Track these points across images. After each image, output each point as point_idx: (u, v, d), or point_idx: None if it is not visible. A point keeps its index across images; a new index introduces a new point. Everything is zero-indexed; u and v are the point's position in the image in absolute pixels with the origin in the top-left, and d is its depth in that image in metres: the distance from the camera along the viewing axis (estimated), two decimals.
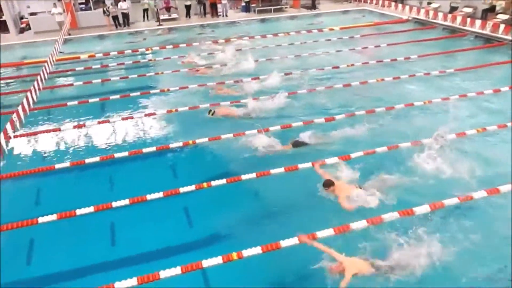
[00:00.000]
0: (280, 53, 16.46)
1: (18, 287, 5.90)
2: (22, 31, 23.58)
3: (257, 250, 5.74)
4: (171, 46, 18.22)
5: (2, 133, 7.67)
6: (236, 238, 6.43)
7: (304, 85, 12.63)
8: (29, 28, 23.40)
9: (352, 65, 14.41)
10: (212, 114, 10.19)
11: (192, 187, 7.35)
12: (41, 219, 6.84)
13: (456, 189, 6.97)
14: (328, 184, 7.03)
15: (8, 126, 8.04)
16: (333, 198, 6.92)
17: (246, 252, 5.68)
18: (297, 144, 8.66)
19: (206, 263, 5.57)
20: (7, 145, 7.81)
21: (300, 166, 7.93)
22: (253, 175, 7.67)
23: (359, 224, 6.23)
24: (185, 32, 21.93)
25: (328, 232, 6.10)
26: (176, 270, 5.47)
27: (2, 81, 14.95)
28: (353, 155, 8.25)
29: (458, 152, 8.18)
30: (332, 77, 13.62)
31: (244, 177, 7.64)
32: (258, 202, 7.52)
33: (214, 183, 7.47)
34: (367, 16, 24.34)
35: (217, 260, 5.59)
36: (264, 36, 19.21)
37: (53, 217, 6.90)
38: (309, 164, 7.93)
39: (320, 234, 6.05)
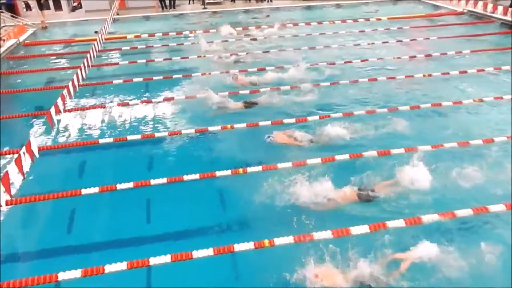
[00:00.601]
0: (323, 42, 16.13)
1: (57, 255, 6.23)
2: (74, 9, 24.53)
3: (289, 239, 5.75)
4: (214, 30, 18.31)
5: (53, 107, 8.09)
6: (268, 226, 6.42)
7: (345, 76, 12.36)
8: (81, 7, 24.28)
9: (399, 58, 13.88)
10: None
11: (228, 172, 7.43)
12: (84, 191, 7.18)
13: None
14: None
15: (59, 101, 8.46)
16: None
17: (279, 241, 5.70)
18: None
19: (238, 247, 5.64)
20: (57, 119, 8.23)
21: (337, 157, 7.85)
22: (289, 164, 7.65)
23: None
24: (230, 16, 21.93)
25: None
26: (209, 251, 5.59)
27: (54, 57, 15.70)
28: (394, 151, 8.01)
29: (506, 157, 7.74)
30: (376, 69, 13.21)
31: (279, 165, 7.65)
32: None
33: (250, 169, 7.52)
34: (419, 7, 23.27)
35: (249, 245, 5.65)
36: (308, 24, 18.86)
37: (95, 189, 7.22)
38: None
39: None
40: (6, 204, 5.78)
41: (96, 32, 18.18)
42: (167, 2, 23.44)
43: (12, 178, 6.00)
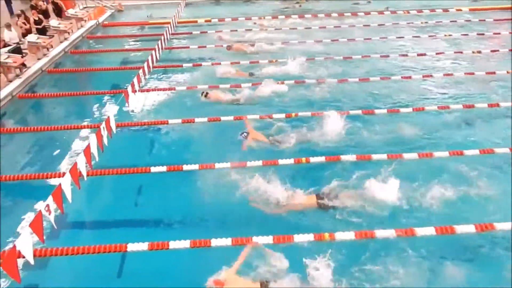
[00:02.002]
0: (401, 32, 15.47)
1: (125, 226, 6.66)
2: None
3: (349, 235, 5.66)
4: (283, 17, 18.17)
5: (130, 86, 8.60)
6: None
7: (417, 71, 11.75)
8: None
9: (479, 52, 12.87)
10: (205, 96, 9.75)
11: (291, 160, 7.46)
12: (153, 169, 7.59)
13: None
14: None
15: (135, 80, 8.97)
16: None
17: (339, 235, 5.64)
18: None
19: (298, 238, 5.67)
20: (132, 98, 8.75)
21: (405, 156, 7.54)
22: (353, 157, 7.53)
23: None
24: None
25: None
26: (268, 239, 5.68)
27: (129, 38, 16.60)
28: (467, 152, 7.57)
29: None
30: (452, 63, 12.40)
31: (343, 157, 7.53)
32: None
33: (313, 159, 7.47)
34: None
35: (309, 237, 5.65)
36: (381, 13, 18.06)
37: (163, 168, 7.61)
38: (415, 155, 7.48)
39: None
40: (87, 175, 6.29)
41: (148, 16, 18.93)
42: None
43: (92, 151, 6.48)
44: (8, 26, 13.16)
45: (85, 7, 19.07)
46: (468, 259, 5.57)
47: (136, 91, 9.25)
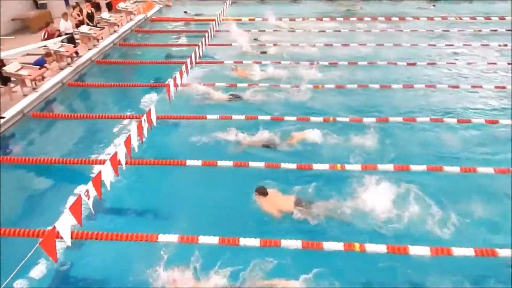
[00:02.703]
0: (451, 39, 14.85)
1: (157, 217, 6.79)
2: None
3: (381, 248, 5.50)
4: (327, 19, 17.93)
5: (172, 80, 8.81)
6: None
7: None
8: None
9: None
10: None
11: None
12: (189, 162, 7.76)
13: None
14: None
15: (178, 75, 9.18)
16: None
17: (370, 247, 5.50)
18: None
19: (327, 245, 5.60)
20: (173, 92, 8.96)
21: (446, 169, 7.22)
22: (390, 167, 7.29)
23: None
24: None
25: None
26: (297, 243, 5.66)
27: (174, 34, 17.00)
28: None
29: None
30: (505, 75, 11.76)
31: (380, 166, 7.35)
32: None
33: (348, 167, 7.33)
34: None
35: (338, 245, 5.56)
36: (430, 19, 17.42)
37: (198, 162, 7.75)
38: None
39: None
40: (126, 164, 6.51)
41: (185, 12, 19.26)
42: None
43: (132, 142, 6.70)
44: (65, 15, 13.86)
45: (135, 1, 19.71)
46: None
47: (178, 86, 9.46)
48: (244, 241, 5.79)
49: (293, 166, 7.54)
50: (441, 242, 5.68)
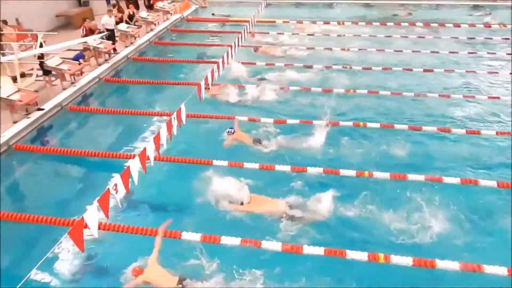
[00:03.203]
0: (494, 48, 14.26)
1: (182, 214, 6.88)
2: None
3: (407, 260, 5.33)
4: (363, 23, 17.60)
5: (203, 80, 8.90)
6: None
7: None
8: None
9: None
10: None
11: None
12: (215, 162, 7.81)
13: None
14: None
15: (209, 75, 9.27)
16: None
17: (395, 259, 5.34)
18: None
19: (350, 254, 5.49)
20: (204, 92, 9.04)
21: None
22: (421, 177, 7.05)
23: None
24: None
25: None
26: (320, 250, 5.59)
27: (208, 34, 17.22)
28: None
29: None
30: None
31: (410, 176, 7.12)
32: None
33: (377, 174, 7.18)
34: None
35: (363, 255, 5.44)
36: (503, 26, 16.70)
37: (224, 163, 7.80)
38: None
39: None
40: (154, 159, 6.63)
41: (213, 14, 19.38)
42: None
43: (162, 139, 6.81)
44: (110, 11, 14.33)
45: (173, 1, 20.08)
46: None
47: (209, 85, 9.55)
48: (266, 244, 5.76)
49: (319, 170, 7.48)
50: (472, 259, 5.45)
